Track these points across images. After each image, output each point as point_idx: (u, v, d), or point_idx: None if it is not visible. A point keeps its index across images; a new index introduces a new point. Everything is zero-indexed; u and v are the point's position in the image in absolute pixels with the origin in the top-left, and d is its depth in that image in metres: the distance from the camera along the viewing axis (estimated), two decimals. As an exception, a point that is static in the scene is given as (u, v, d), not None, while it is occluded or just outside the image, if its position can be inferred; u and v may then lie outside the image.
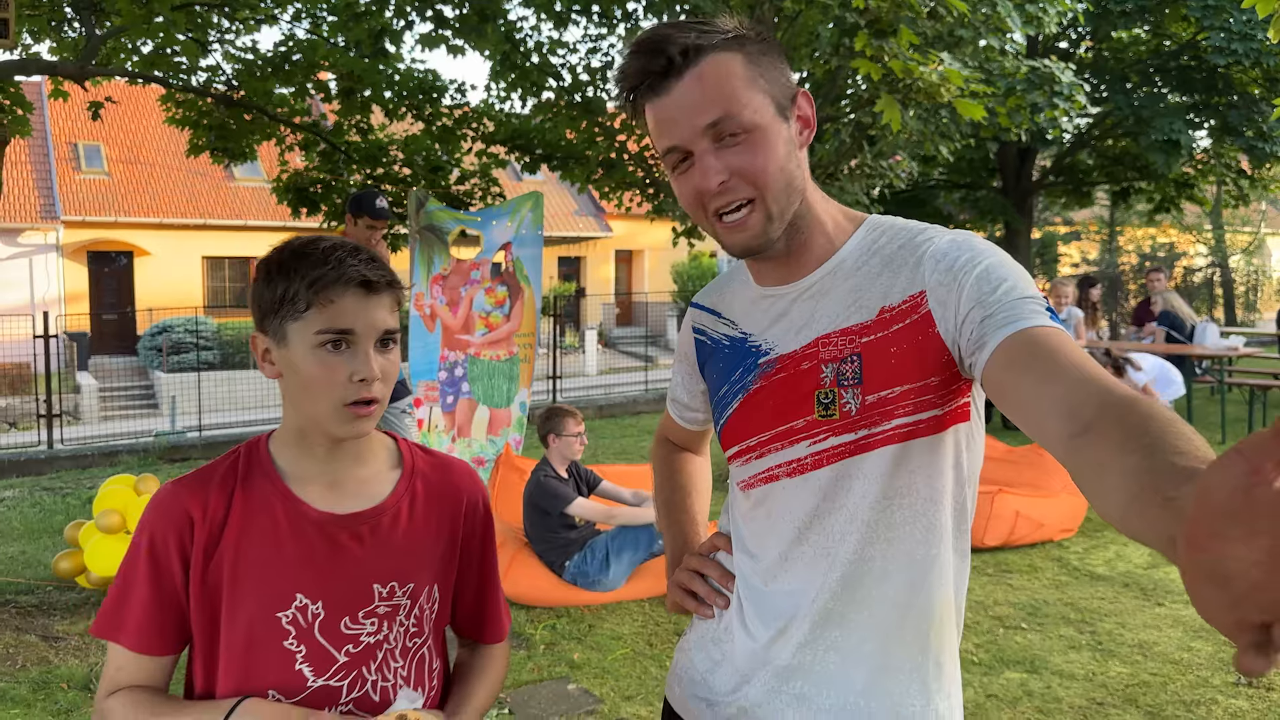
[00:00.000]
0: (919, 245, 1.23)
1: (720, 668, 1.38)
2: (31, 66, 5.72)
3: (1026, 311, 1.12)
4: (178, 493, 1.30)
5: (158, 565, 1.28)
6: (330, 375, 1.24)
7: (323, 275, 1.23)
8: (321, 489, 1.33)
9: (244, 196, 24.87)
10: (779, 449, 1.30)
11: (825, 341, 1.26)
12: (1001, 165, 13.74)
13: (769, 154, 1.20)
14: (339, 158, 8.38)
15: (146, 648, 1.29)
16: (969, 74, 4.99)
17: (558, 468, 5.05)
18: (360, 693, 1.31)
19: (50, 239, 22.79)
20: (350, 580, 1.30)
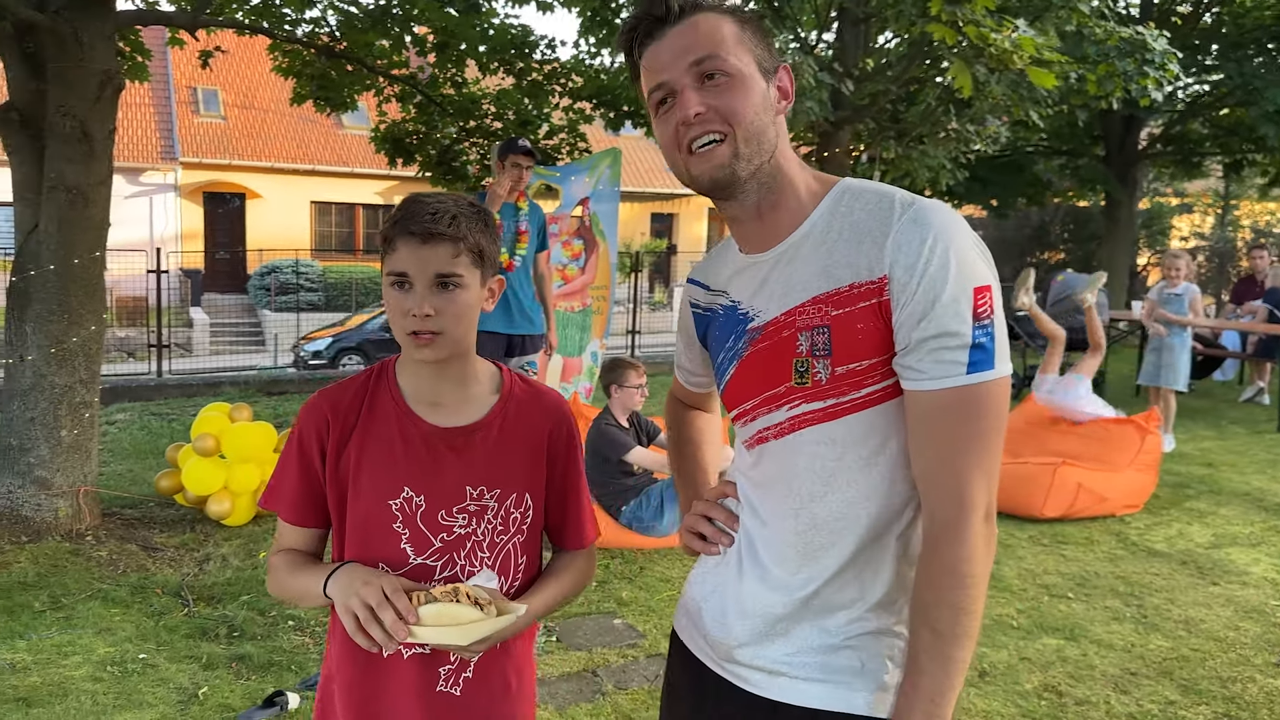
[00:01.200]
0: (887, 218, 1.28)
1: (711, 598, 1.48)
2: (148, 17, 6.09)
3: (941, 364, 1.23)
4: (322, 399, 1.61)
5: (304, 454, 1.59)
6: (395, 309, 1.51)
7: (391, 227, 1.51)
8: (429, 405, 1.60)
9: (351, 144, 25.56)
10: (766, 413, 1.38)
11: (801, 310, 1.33)
12: (1105, 133, 13.29)
13: (746, 99, 1.30)
14: (434, 110, 8.65)
15: (297, 519, 1.62)
16: (1044, 41, 4.93)
17: (619, 417, 5.26)
18: (450, 573, 1.57)
19: (169, 179, 23.85)
20: (447, 481, 1.57)
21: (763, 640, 1.39)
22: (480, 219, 1.56)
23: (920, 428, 1.26)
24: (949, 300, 1.22)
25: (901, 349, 1.25)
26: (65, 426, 5.13)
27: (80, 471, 5.22)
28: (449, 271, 1.50)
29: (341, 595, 1.45)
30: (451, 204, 1.52)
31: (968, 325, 1.22)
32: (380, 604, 1.39)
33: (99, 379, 5.35)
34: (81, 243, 5.06)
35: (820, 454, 1.33)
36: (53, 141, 4.96)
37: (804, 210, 1.37)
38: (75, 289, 5.08)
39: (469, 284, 1.53)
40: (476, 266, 1.55)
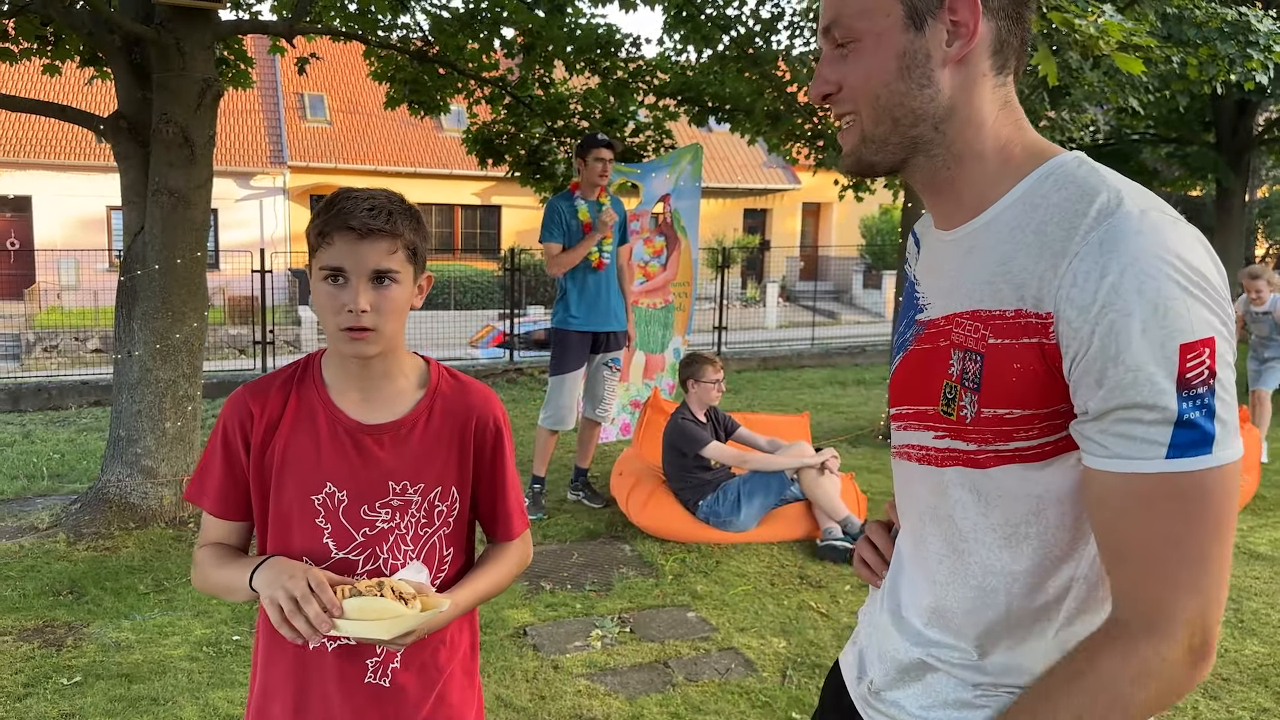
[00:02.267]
0: (1072, 229, 0.99)
1: (860, 637, 1.36)
2: (246, 26, 6.34)
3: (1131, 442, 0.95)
4: (245, 392, 1.62)
5: (228, 447, 1.61)
6: (329, 304, 1.50)
7: (324, 221, 1.49)
8: (355, 400, 1.61)
9: (449, 147, 26.11)
10: (914, 428, 1.18)
11: (959, 321, 1.10)
12: (1216, 118, 12.72)
13: (870, 69, 1.08)
14: (522, 111, 8.80)
15: (221, 512, 1.63)
16: (1134, 26, 4.75)
17: (696, 412, 5.28)
18: (373, 567, 1.58)
19: (278, 182, 24.77)
20: (370, 476, 1.58)
21: (894, 687, 1.23)
22: (413, 216, 1.56)
23: (1104, 514, 0.99)
24: (1140, 358, 0.92)
25: (1081, 413, 0.99)
26: (169, 419, 5.39)
27: (183, 461, 5.48)
28: (386, 267, 1.50)
29: (267, 587, 1.45)
30: (386, 200, 1.52)
31: (1169, 395, 0.92)
32: (305, 596, 1.40)
33: (201, 373, 5.61)
34: (183, 243, 5.31)
35: (965, 501, 1.11)
36: (157, 147, 5.23)
37: (994, 190, 1.10)
38: (178, 287, 5.33)
39: (403, 280, 1.53)
40: (410, 263, 1.55)
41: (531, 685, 3.63)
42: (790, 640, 4.06)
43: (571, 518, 5.69)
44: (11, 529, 5.35)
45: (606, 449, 7.05)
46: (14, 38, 6.68)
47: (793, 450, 5.20)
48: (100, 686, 3.58)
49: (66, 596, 4.43)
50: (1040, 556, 1.07)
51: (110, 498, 5.34)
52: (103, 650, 3.88)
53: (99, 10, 5.19)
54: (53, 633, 4.06)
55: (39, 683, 3.59)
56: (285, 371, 1.65)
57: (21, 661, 3.77)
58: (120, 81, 5.46)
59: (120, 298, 5.43)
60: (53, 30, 6.65)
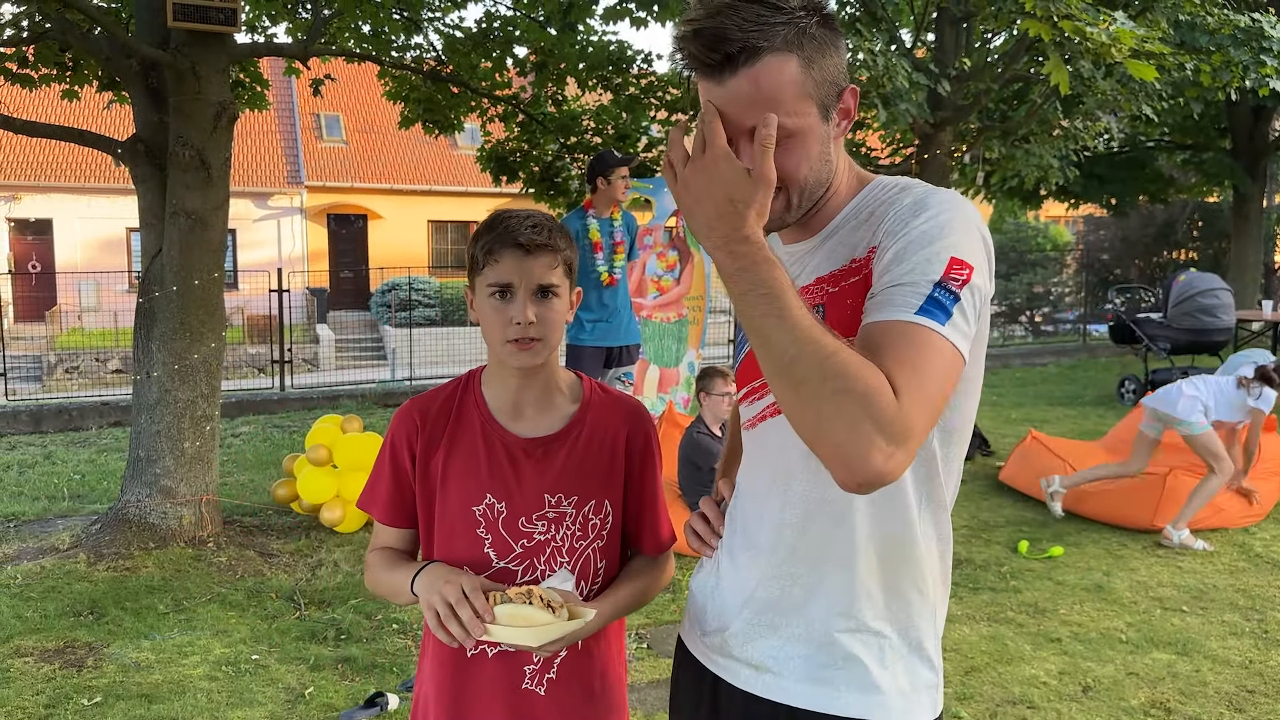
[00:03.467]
0: (896, 200, 1.28)
1: (711, 599, 1.48)
2: (261, 49, 6.41)
3: (889, 306, 1.16)
4: (412, 407, 1.71)
5: (395, 459, 1.69)
6: (498, 319, 1.58)
7: (491, 240, 1.58)
8: (511, 415, 1.68)
9: (465, 164, 26.24)
10: (767, 393, 1.39)
11: (805, 290, 1.34)
12: (1231, 125, 12.65)
13: (802, 157, 1.26)
14: (536, 128, 8.85)
15: (390, 520, 1.72)
16: (1145, 33, 4.74)
17: (711, 425, 5.28)
18: (531, 577, 1.63)
19: (295, 202, 24.96)
20: (527, 489, 1.64)
21: (750, 630, 1.40)
22: (566, 234, 1.64)
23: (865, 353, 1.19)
24: (920, 260, 1.18)
25: (869, 298, 1.21)
26: (188, 439, 5.43)
27: (202, 481, 5.52)
28: (549, 281, 1.58)
29: (424, 592, 1.53)
30: (544, 218, 1.61)
31: (929, 281, 1.16)
32: (459, 601, 1.46)
33: (219, 393, 5.65)
34: (201, 264, 5.36)
35: None
36: (174, 170, 5.28)
37: (838, 208, 1.37)
38: (196, 308, 5.38)
39: (563, 294, 1.62)
40: (568, 277, 1.63)
41: (549, 702, 3.62)
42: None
43: (588, 533, 5.69)
44: (33, 550, 5.39)
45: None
46: (33, 64, 6.78)
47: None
48: (120, 707, 3.59)
49: (87, 617, 4.46)
50: None
51: (130, 518, 5.37)
52: (123, 670, 3.91)
53: (116, 36, 5.26)
54: (73, 653, 4.09)
55: (60, 703, 3.62)
56: (449, 387, 1.73)
57: (43, 682, 3.80)
58: (137, 105, 5.53)
59: (139, 319, 5.48)
60: (71, 56, 6.75)
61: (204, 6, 5.08)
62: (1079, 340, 15.96)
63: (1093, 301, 17.74)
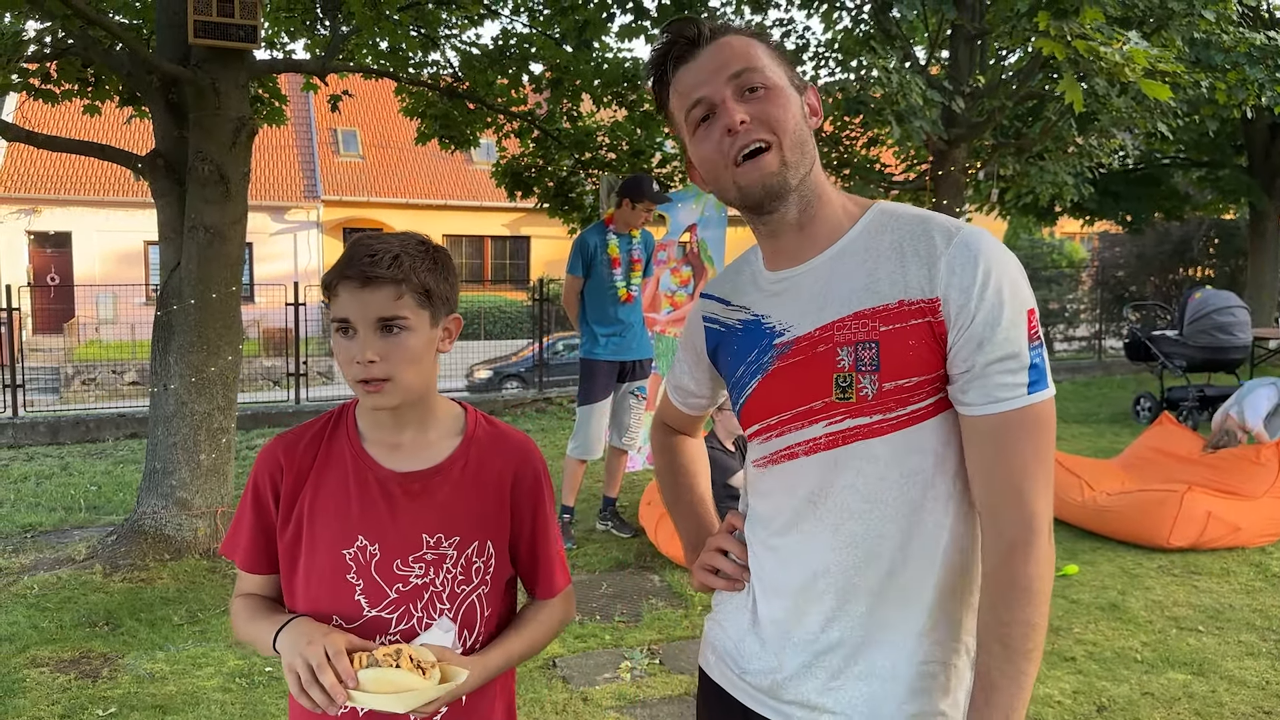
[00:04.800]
0: (933, 241, 1.29)
1: (749, 637, 1.45)
2: (279, 65, 6.48)
3: (1005, 387, 1.25)
4: (276, 444, 1.58)
5: (258, 501, 1.57)
6: (342, 357, 1.47)
7: (332, 272, 1.47)
8: (387, 449, 1.55)
9: (479, 179, 26.40)
10: (798, 428, 1.35)
11: (840, 325, 1.32)
12: (1248, 142, 12.61)
13: (786, 108, 1.31)
14: (551, 144, 8.90)
15: (252, 567, 1.59)
16: (1161, 52, 4.74)
17: (724, 441, 5.28)
18: (407, 625, 1.50)
19: (312, 216, 25.13)
20: (403, 529, 1.52)
21: (807, 672, 1.38)
22: (428, 257, 1.50)
23: (985, 450, 1.27)
24: (1008, 324, 1.24)
25: (961, 372, 1.26)
26: (204, 451, 5.47)
27: (218, 493, 5.55)
28: (391, 314, 1.44)
29: (286, 653, 1.42)
30: (395, 244, 1.47)
31: (1025, 348, 1.25)
32: (320, 666, 1.35)
33: (235, 406, 5.69)
34: (219, 278, 5.40)
35: (864, 470, 1.31)
36: (193, 185, 5.34)
37: (841, 226, 1.37)
38: (213, 321, 5.42)
39: (415, 326, 1.47)
40: (424, 307, 1.48)
41: (561, 718, 3.63)
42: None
43: (600, 548, 5.70)
44: (49, 560, 5.43)
45: (635, 478, 7.05)
46: (56, 80, 6.87)
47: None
48: (135, 718, 3.61)
49: (102, 628, 4.49)
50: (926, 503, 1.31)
51: (146, 529, 5.40)
52: (137, 681, 3.93)
53: (138, 52, 5.33)
54: (89, 664, 4.11)
55: (75, 713, 3.64)
56: (319, 421, 1.61)
57: (59, 692, 3.82)
58: (158, 120, 5.59)
59: (157, 332, 5.52)
60: (93, 72, 6.83)
61: (225, 24, 5.14)
62: (1094, 357, 15.89)
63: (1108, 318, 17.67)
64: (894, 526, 1.31)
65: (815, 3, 7.82)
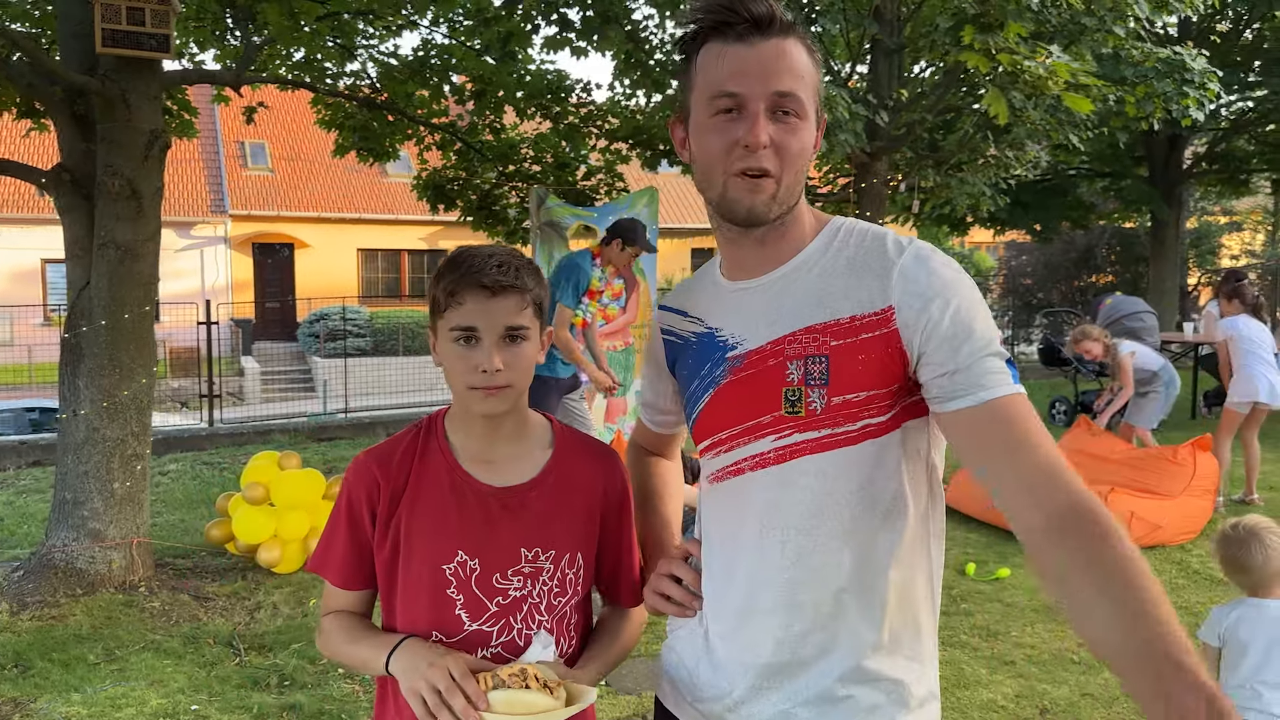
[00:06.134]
0: (886, 254, 1.29)
1: (702, 664, 1.42)
2: (192, 76, 6.25)
3: (992, 378, 1.22)
4: (370, 459, 1.57)
5: (353, 517, 1.55)
6: (460, 365, 1.47)
7: (454, 280, 1.46)
8: (482, 463, 1.56)
9: (395, 192, 25.97)
10: (746, 443, 1.34)
11: (791, 339, 1.30)
12: (1148, 153, 13.12)
13: (804, 144, 1.28)
14: (474, 156, 8.77)
15: (345, 583, 1.58)
16: (1080, 66, 4.87)
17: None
18: (507, 638, 1.51)
19: (219, 231, 24.39)
20: (501, 543, 1.52)
21: (757, 695, 1.35)
22: (536, 271, 1.54)
23: (995, 438, 1.21)
24: (984, 325, 1.24)
25: (941, 375, 1.23)
26: (118, 479, 5.21)
27: (133, 523, 5.29)
28: (518, 324, 1.48)
29: (406, 675, 1.40)
30: (510, 256, 1.49)
31: (998, 343, 1.26)
32: (449, 689, 1.34)
33: (150, 431, 5.44)
34: (131, 298, 5.17)
35: (811, 486, 1.29)
36: (102, 200, 5.10)
37: (802, 241, 1.36)
38: (126, 343, 5.18)
39: (532, 336, 1.51)
40: (538, 318, 1.53)
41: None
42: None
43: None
44: (-50, 600, 5.11)
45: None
46: (-52, 91, 6.52)
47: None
48: (52, 766, 3.40)
49: (11, 670, 4.23)
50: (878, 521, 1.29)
51: (56, 563, 5.12)
52: (53, 727, 3.70)
53: (40, 62, 5.07)
54: (-2, 710, 3.87)
55: (-14, 765, 3.41)
56: (409, 434, 1.60)
57: (-34, 743, 3.58)
58: (62, 133, 5.33)
59: (64, 355, 5.25)
60: (-11, 83, 6.50)
61: (135, 33, 4.92)
62: (1007, 363, 16.22)
63: (1018, 325, 18.13)
64: (842, 543, 1.29)
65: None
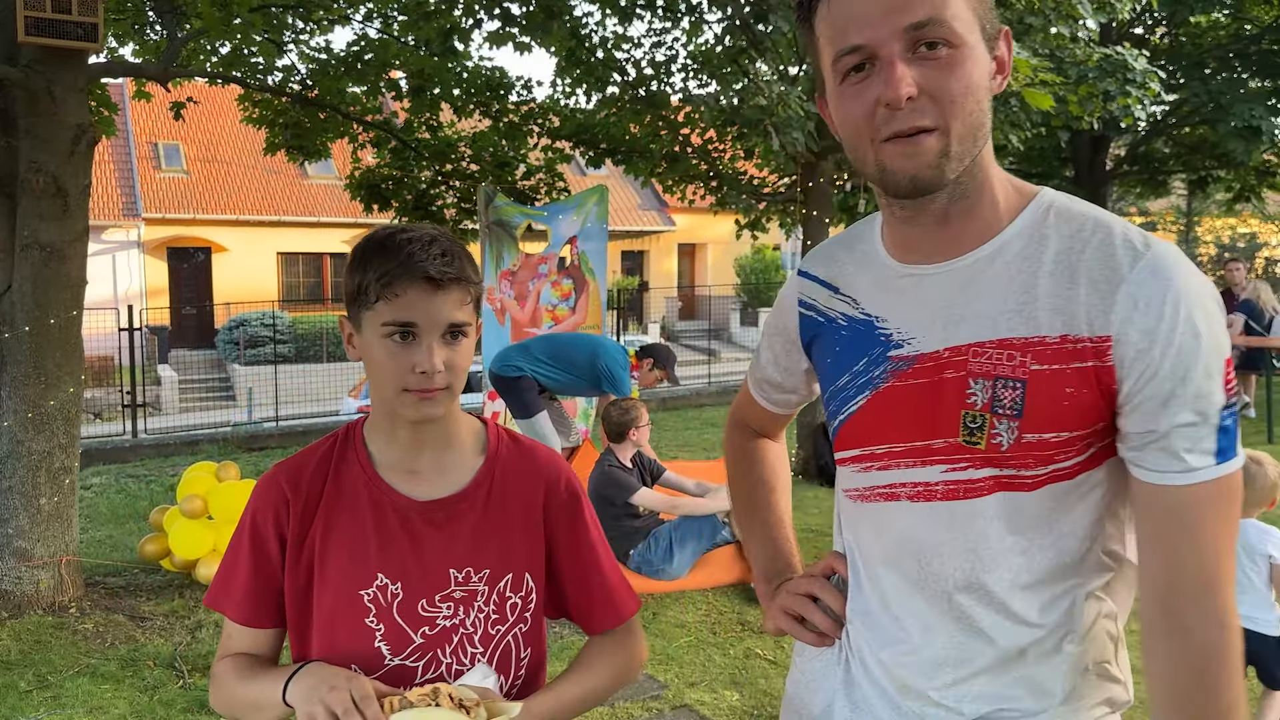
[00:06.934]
0: (1115, 259, 1.02)
1: (838, 702, 1.25)
2: (117, 69, 5.95)
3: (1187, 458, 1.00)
4: (277, 476, 1.38)
5: (258, 543, 1.36)
6: (395, 365, 1.28)
7: (390, 269, 1.26)
8: (405, 474, 1.37)
9: (317, 194, 25.39)
10: (908, 466, 1.12)
11: (978, 351, 1.06)
12: (1074, 154, 13.41)
13: (968, 80, 1.00)
14: (409, 154, 8.54)
15: (249, 620, 1.37)
16: (1038, 63, 4.90)
17: (622, 457, 5.12)
18: (435, 674, 1.32)
19: (132, 236, 23.52)
20: (427, 564, 1.34)
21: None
22: (473, 258, 1.37)
23: (1164, 528, 1.02)
24: (1202, 378, 0.99)
25: (1139, 432, 1.02)
26: (45, 494, 4.91)
27: (61, 541, 4.99)
28: (461, 320, 1.30)
29: (303, 702, 1.22)
30: (451, 242, 1.31)
31: (1217, 408, 1.00)
32: (347, 711, 1.17)
33: (78, 443, 5.14)
34: (58, 302, 4.88)
35: (987, 533, 1.08)
36: (26, 199, 4.80)
37: (998, 221, 1.09)
38: (52, 350, 4.88)
39: (472, 333, 1.35)
40: (477, 312, 1.37)
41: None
42: (743, 692, 3.91)
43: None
44: None
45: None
46: None
47: (722, 493, 5.09)
48: (-12, 806, 3.15)
49: (-66, 702, 3.93)
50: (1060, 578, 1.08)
51: (-22, 585, 4.80)
52: (-14, 763, 3.44)
53: (-46, 51, 4.75)
54: (-78, 746, 3.58)
55: (-87, 808, 3.14)
56: (322, 446, 1.41)
57: (-112, 784, 3.30)
58: (-20, 128, 5.00)
59: (-16, 363, 4.93)
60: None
61: (60, 21, 4.64)
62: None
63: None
64: (1020, 599, 1.09)
65: (680, 16, 7.79)
